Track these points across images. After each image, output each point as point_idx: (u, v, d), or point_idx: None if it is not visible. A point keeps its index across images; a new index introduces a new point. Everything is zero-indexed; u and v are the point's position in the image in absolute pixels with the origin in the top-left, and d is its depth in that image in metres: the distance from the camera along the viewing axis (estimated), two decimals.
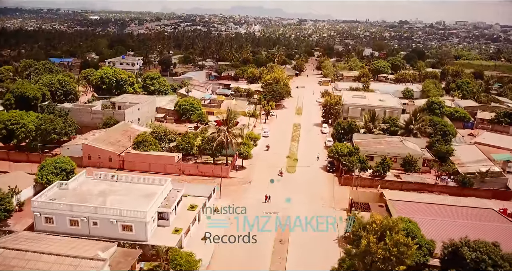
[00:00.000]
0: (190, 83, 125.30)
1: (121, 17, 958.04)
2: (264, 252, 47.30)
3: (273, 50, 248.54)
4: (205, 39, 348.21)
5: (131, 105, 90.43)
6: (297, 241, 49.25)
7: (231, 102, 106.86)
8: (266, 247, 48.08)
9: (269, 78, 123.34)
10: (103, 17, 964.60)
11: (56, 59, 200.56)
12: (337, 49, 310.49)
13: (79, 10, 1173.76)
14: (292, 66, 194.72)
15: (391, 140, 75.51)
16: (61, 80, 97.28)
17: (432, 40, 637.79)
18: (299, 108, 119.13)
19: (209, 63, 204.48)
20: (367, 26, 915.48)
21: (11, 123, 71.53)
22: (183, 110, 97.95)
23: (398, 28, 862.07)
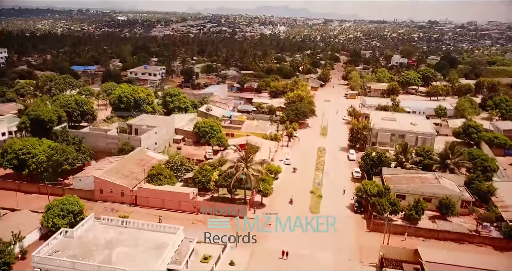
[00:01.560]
0: (211, 100, 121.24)
1: (148, 18, 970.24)
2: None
3: (297, 58, 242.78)
4: (229, 43, 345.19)
5: (148, 129, 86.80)
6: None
7: (252, 123, 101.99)
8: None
9: (293, 96, 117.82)
10: (130, 18, 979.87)
11: (79, 67, 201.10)
12: (364, 55, 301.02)
13: (108, 10, 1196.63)
14: (317, 76, 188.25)
15: (425, 176, 68.97)
16: (78, 100, 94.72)
17: (463, 42, 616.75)
18: (324, 128, 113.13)
19: (232, 72, 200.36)
20: (394, 27, 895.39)
21: (22, 153, 68.93)
22: (202, 133, 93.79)
23: (427, 29, 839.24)
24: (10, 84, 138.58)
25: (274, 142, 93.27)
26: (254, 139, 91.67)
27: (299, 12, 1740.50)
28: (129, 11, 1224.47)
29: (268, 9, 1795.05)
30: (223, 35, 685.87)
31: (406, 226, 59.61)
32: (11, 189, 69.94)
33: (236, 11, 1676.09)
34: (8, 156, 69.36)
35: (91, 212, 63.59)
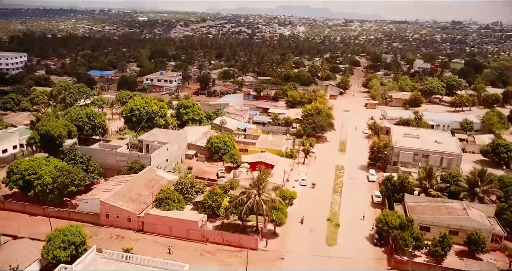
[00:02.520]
0: (226, 112, 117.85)
1: (168, 18, 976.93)
2: None
3: (316, 63, 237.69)
4: (247, 47, 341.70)
5: (159, 145, 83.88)
6: None
7: (267, 138, 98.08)
8: None
9: (310, 108, 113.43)
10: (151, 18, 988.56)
11: (96, 72, 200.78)
12: (385, 59, 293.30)
13: (129, 10, 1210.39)
14: (337, 83, 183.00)
15: (452, 206, 63.87)
16: (89, 113, 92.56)
17: (488, 44, 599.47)
18: (342, 143, 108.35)
19: (249, 78, 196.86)
20: (416, 28, 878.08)
21: (28, 174, 66.80)
22: (215, 149, 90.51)
23: (451, 29, 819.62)
24: (26, 92, 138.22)
25: (290, 159, 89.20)
26: (269, 155, 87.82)
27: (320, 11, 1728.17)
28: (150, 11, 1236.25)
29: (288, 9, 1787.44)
30: (242, 36, 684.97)
31: (431, 265, 54.77)
32: (16, 210, 67.95)
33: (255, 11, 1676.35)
34: (14, 176, 67.38)
35: (96, 238, 61.15)
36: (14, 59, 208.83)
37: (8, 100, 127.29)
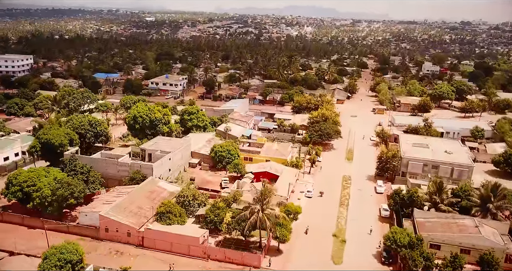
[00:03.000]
0: (231, 118, 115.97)
1: (175, 19, 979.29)
2: None
3: (324, 65, 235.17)
4: (254, 48, 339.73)
5: (162, 155, 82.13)
6: None
7: (272, 146, 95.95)
8: None
9: (317, 115, 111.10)
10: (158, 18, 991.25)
11: (102, 74, 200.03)
12: (393, 62, 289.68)
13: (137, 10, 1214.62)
14: (344, 87, 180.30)
15: (463, 223, 61.32)
16: (92, 121, 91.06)
17: (498, 45, 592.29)
18: (349, 151, 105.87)
19: (255, 82, 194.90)
20: (425, 28, 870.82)
21: (27, 185, 65.40)
22: (219, 158, 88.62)
23: (460, 30, 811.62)
24: (30, 96, 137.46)
25: (295, 169, 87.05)
26: (274, 165, 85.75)
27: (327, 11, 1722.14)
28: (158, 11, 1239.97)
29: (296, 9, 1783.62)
30: (249, 36, 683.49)
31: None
32: (15, 222, 66.66)
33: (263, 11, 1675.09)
34: (12, 188, 66.00)
35: (95, 254, 59.58)
36: (20, 61, 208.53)
37: (12, 105, 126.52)
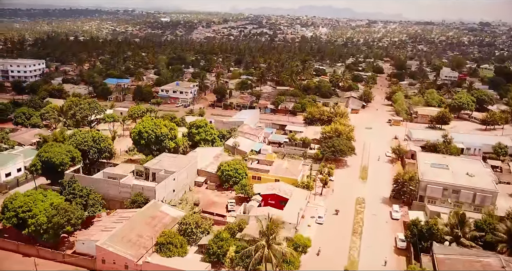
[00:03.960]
0: (240, 131, 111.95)
1: (190, 19, 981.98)
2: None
3: (338, 70, 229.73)
4: (267, 52, 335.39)
5: (166, 175, 78.56)
6: None
7: (282, 164, 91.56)
8: None
9: (330, 130, 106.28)
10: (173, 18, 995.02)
11: (113, 80, 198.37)
12: (410, 67, 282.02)
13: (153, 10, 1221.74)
14: (359, 95, 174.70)
15: (488, 262, 56.08)
16: (95, 137, 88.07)
17: None
18: (364, 169, 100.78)
19: (267, 89, 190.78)
20: (443, 29, 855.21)
21: (22, 211, 62.43)
22: (225, 177, 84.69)
23: (478, 31, 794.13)
24: (38, 104, 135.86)
25: (306, 190, 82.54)
26: (283, 186, 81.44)
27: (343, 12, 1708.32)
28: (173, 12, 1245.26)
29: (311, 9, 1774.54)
30: (263, 37, 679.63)
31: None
32: (9, 249, 63.81)
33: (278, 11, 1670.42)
34: (7, 213, 63.15)
35: None
36: (32, 66, 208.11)
37: (20, 115, 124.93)
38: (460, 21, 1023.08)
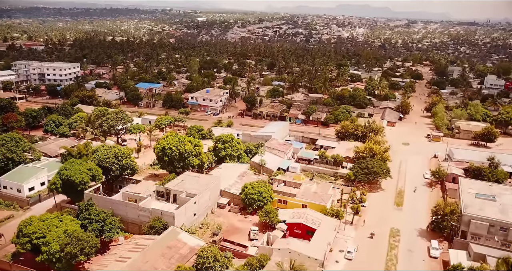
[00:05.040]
0: (267, 146, 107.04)
1: (226, 18, 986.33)
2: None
3: (374, 80, 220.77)
4: (302, 55, 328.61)
5: (187, 199, 74.74)
6: None
7: (310, 188, 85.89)
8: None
9: (363, 150, 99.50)
10: (210, 18, 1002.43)
11: (144, 84, 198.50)
12: (451, 73, 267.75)
13: (189, 10, 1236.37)
14: (396, 106, 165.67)
15: None
16: (118, 153, 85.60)
17: None
18: (399, 193, 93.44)
19: (299, 96, 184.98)
20: (487, 30, 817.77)
21: (36, 237, 60.27)
22: (249, 200, 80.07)
23: None
24: (69, 111, 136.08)
25: (335, 219, 76.73)
26: (310, 214, 75.95)
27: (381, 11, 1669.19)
28: (210, 11, 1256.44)
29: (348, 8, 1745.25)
30: (298, 38, 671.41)
31: None
32: None
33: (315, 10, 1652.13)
34: (22, 238, 61.17)
35: None
36: (67, 70, 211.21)
37: (49, 123, 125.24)
38: (506, 21, 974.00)
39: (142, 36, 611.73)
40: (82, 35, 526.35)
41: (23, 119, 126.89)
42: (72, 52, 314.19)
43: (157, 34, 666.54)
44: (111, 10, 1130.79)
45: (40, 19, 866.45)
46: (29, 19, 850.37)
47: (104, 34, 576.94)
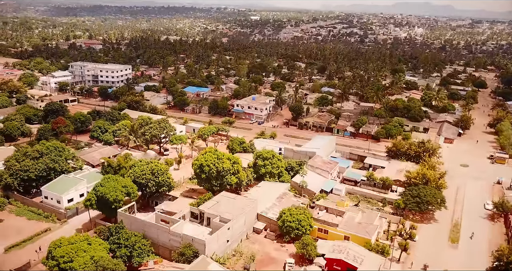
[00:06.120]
0: (310, 165, 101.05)
1: (279, 17, 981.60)
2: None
3: (432, 88, 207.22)
4: (355, 58, 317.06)
5: (221, 224, 70.93)
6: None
7: (354, 218, 79.02)
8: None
9: (416, 175, 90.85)
10: (263, 16, 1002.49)
11: (192, 88, 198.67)
12: None
13: (244, 8, 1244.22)
14: (455, 120, 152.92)
15: None
16: (154, 169, 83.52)
17: None
18: (455, 226, 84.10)
19: (349, 106, 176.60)
20: None
21: (63, 261, 58.85)
22: (286, 228, 74.94)
23: None
24: (115, 117, 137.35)
25: (380, 256, 69.77)
26: (353, 248, 69.56)
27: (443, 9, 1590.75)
28: (264, 9, 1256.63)
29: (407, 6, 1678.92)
30: (353, 38, 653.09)
31: None
32: None
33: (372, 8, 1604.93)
34: (50, 261, 60.09)
35: None
36: (119, 72, 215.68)
37: (96, 129, 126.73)
38: None
39: (196, 35, 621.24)
40: (139, 34, 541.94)
41: (71, 124, 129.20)
42: (127, 52, 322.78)
43: (210, 33, 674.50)
44: (168, 8, 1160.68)
45: (102, 17, 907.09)
46: (92, 17, 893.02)
47: (160, 33, 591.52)
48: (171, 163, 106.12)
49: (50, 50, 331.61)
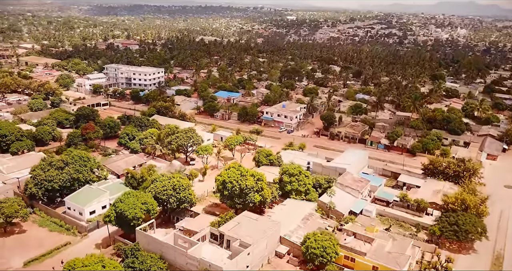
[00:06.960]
0: (340, 183, 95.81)
1: (316, 17, 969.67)
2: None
3: (474, 97, 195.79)
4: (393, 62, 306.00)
5: (240, 249, 67.44)
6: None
7: (384, 246, 73.46)
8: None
9: (454, 200, 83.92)
10: (300, 16, 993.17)
11: (223, 93, 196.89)
12: None
13: (280, 8, 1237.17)
14: (499, 134, 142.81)
15: None
16: (176, 185, 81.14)
17: None
18: (497, 259, 76.86)
19: (384, 115, 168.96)
20: None
21: None
22: (310, 256, 70.50)
23: None
24: (144, 123, 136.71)
25: None
26: None
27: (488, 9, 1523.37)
28: (301, 9, 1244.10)
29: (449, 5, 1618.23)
30: (391, 39, 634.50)
31: None
32: None
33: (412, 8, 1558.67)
34: None
35: None
36: (152, 75, 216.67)
37: (123, 135, 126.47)
38: None
39: (231, 35, 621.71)
40: (176, 33, 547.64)
41: (100, 130, 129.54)
42: (162, 54, 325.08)
43: (246, 33, 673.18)
44: (205, 8, 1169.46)
45: (141, 16, 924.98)
46: (131, 16, 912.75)
47: (196, 33, 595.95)
48: (196, 175, 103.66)
49: (88, 51, 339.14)
